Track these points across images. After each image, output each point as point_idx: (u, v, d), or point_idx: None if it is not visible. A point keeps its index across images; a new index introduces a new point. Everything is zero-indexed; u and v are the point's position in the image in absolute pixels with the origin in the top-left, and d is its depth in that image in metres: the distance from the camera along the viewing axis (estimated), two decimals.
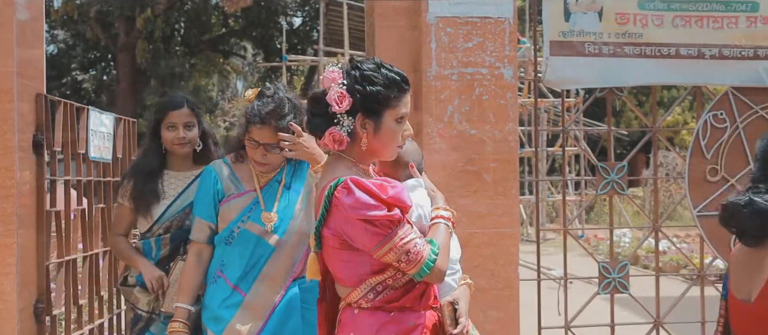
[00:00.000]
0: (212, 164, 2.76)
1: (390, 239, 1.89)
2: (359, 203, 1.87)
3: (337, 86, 1.95)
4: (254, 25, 23.70)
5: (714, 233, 3.39)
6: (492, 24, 2.97)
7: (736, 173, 3.40)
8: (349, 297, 2.01)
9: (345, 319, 2.01)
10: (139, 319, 2.95)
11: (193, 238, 2.71)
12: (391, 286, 1.96)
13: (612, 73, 3.35)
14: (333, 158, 2.06)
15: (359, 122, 1.98)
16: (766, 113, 3.41)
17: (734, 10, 3.38)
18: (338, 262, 1.99)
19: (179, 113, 2.99)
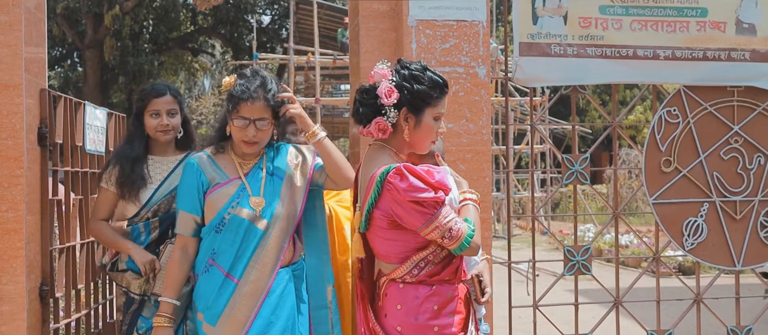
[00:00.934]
0: (193, 157, 2.76)
1: (435, 218, 2.15)
2: (411, 186, 2.12)
3: (387, 81, 2.22)
4: (223, 23, 23.65)
5: (667, 218, 3.68)
6: (467, 27, 3.22)
7: (687, 164, 3.68)
8: (395, 273, 2.28)
9: (391, 292, 2.27)
10: (131, 302, 3.05)
11: (179, 232, 2.71)
12: (431, 262, 2.24)
13: (576, 72, 3.56)
14: (376, 147, 2.31)
15: (403, 116, 2.27)
16: (714, 109, 3.72)
17: (686, 15, 3.65)
18: (385, 241, 2.25)
19: (163, 101, 3.10)
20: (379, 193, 2.23)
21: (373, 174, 2.24)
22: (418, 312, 2.25)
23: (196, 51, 25.88)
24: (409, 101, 2.27)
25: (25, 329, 2.95)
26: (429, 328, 2.24)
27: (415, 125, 2.29)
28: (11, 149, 2.94)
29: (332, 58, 17.36)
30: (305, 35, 19.78)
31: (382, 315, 2.33)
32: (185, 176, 2.73)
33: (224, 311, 2.63)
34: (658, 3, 3.62)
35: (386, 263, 2.33)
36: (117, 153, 3.18)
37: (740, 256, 3.70)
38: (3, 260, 2.93)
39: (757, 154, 3.72)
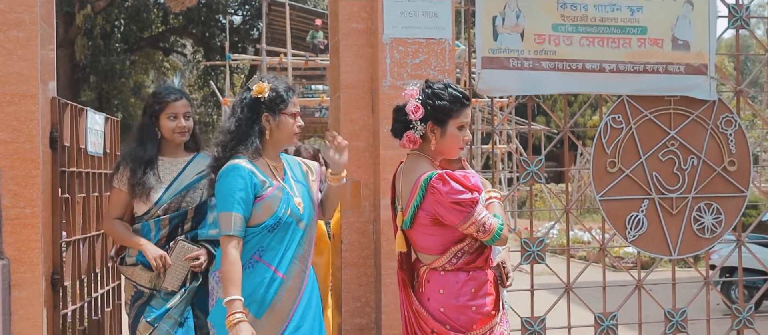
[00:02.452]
0: (240, 163, 2.78)
1: (472, 215, 2.55)
2: (452, 189, 2.53)
3: (414, 100, 2.63)
4: (195, 23, 23.75)
5: (612, 213, 4.13)
6: (435, 44, 3.62)
7: (629, 165, 4.12)
8: (436, 263, 2.69)
9: (433, 279, 2.69)
10: (140, 295, 3.19)
11: (233, 233, 2.72)
12: (467, 252, 2.66)
13: (531, 83, 3.95)
14: (413, 157, 2.72)
15: (430, 128, 2.68)
16: (653, 116, 4.17)
17: (628, 33, 4.08)
18: (428, 236, 2.66)
19: (180, 104, 3.24)
20: (423, 196, 2.62)
21: (416, 180, 2.65)
22: (458, 294, 2.66)
23: (167, 50, 25.93)
24: (433, 115, 2.67)
25: (41, 313, 3.30)
26: (468, 307, 2.66)
27: (441, 136, 2.69)
28: (28, 151, 3.28)
29: (304, 60, 17.68)
30: (277, 36, 20.03)
31: (424, 299, 2.72)
32: (236, 179, 2.75)
33: (271, 304, 2.79)
34: (604, 22, 4.06)
35: (427, 254, 2.73)
36: (130, 155, 3.24)
37: (676, 246, 4.17)
38: (21, 251, 3.27)
39: (690, 156, 4.20)
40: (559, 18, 4.01)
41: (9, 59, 3.27)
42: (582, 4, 4.05)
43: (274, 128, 2.85)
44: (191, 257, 3.16)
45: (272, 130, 2.85)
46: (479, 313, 2.66)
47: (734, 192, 4.25)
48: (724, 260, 4.72)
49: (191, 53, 29.65)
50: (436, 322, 2.66)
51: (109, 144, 4.40)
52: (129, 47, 23.30)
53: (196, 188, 3.26)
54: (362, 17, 3.65)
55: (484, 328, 2.66)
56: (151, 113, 3.27)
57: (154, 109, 3.25)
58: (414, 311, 2.75)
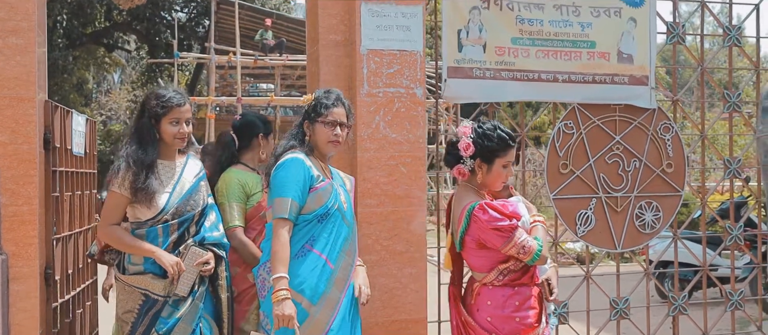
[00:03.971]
0: (298, 156, 3.03)
1: (512, 239, 2.87)
2: (491, 218, 2.85)
3: (466, 137, 2.97)
4: (139, 20, 23.54)
5: (564, 211, 4.52)
6: (408, 55, 3.93)
7: (580, 167, 4.51)
8: (485, 279, 3.03)
9: (483, 293, 3.03)
10: (153, 304, 3.10)
11: (287, 216, 2.93)
12: (512, 270, 2.99)
13: (493, 91, 4.31)
14: (464, 186, 3.06)
15: (477, 164, 3.02)
16: (601, 122, 4.58)
17: (579, 47, 4.47)
18: (476, 257, 3.01)
19: (184, 110, 3.17)
20: (468, 223, 2.96)
21: (462, 209, 2.99)
22: (504, 306, 3.00)
23: (110, 47, 25.54)
24: (481, 154, 3.01)
25: (38, 305, 3.47)
26: (512, 318, 3.00)
27: (486, 171, 3.04)
28: (26, 152, 3.45)
29: (253, 58, 17.77)
30: (225, 35, 20.02)
31: (474, 310, 3.07)
32: (295, 169, 2.99)
33: (324, 292, 3.00)
34: (557, 36, 4.44)
35: (478, 272, 3.09)
36: (131, 158, 3.11)
37: (620, 241, 4.59)
38: (19, 247, 3.43)
39: (633, 159, 4.63)
40: (518, 32, 4.37)
41: (8, 65, 3.43)
42: (538, 20, 4.42)
43: (311, 134, 3.14)
44: (201, 261, 3.13)
45: (310, 135, 3.14)
46: (523, 324, 3.01)
47: (671, 192, 4.70)
48: (660, 254, 5.17)
49: (134, 50, 29.23)
50: (484, 331, 3.02)
51: (88, 145, 4.57)
52: (71, 43, 22.91)
53: (198, 190, 3.25)
54: (341, 30, 3.94)
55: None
56: (152, 115, 3.15)
57: (157, 112, 3.14)
58: (463, 321, 3.10)
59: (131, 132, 3.24)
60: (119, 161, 3.16)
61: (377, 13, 3.89)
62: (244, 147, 3.67)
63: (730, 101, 4.84)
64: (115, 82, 37.81)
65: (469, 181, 3.13)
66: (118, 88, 34.79)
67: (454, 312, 3.18)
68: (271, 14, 19.14)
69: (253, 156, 3.69)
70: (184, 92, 3.28)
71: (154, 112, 3.16)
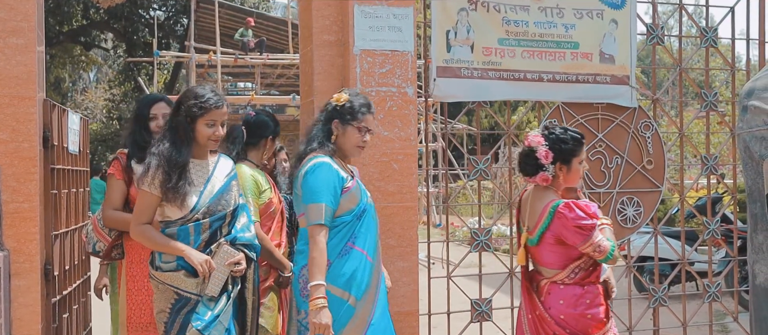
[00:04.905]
0: (325, 160, 3.07)
1: (590, 238, 3.01)
2: (577, 216, 3.00)
3: (542, 146, 3.11)
4: (117, 18, 23.41)
5: None
6: (399, 55, 4.05)
7: None
8: (556, 277, 3.17)
9: (554, 291, 3.17)
10: (185, 302, 3.04)
11: (324, 222, 2.98)
12: (583, 268, 3.14)
13: (480, 90, 4.43)
14: (541, 188, 3.19)
15: (557, 167, 3.17)
16: (584, 120, 4.74)
17: (563, 47, 4.62)
18: (551, 253, 3.14)
19: (221, 112, 3.10)
20: (551, 220, 3.09)
21: (544, 207, 3.13)
22: (576, 305, 3.13)
23: (88, 45, 25.35)
24: (560, 157, 3.17)
25: (39, 300, 3.54)
26: (584, 316, 3.13)
27: (567, 172, 3.19)
28: (27, 150, 3.51)
29: (233, 57, 17.77)
30: (204, 33, 19.99)
31: (546, 307, 3.19)
32: (326, 174, 3.04)
33: (367, 287, 3.09)
34: (542, 37, 4.58)
35: (549, 269, 3.22)
36: (163, 157, 3.03)
37: None
38: (20, 243, 3.49)
39: (615, 156, 4.79)
40: (504, 33, 4.51)
41: (8, 64, 3.49)
42: (524, 21, 4.56)
43: (340, 135, 3.19)
44: (233, 261, 3.07)
45: (338, 136, 3.19)
46: (594, 321, 3.15)
47: (651, 188, 4.87)
48: (641, 249, 5.34)
49: (112, 48, 29.03)
50: (557, 326, 3.15)
51: (82, 143, 4.63)
52: (47, 41, 22.70)
53: (229, 190, 3.19)
54: (334, 30, 4.04)
55: (599, 333, 3.16)
56: (188, 114, 3.07)
57: (194, 112, 3.06)
58: (537, 315, 3.23)
59: (164, 130, 3.16)
60: (149, 159, 3.07)
61: (369, 14, 4.00)
62: (251, 144, 3.68)
63: (707, 100, 5.02)
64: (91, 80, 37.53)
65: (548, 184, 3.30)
66: (94, 87, 34.55)
67: (529, 305, 3.30)
68: (251, 13, 19.14)
69: (258, 155, 3.70)
70: (222, 93, 3.21)
71: (191, 111, 3.06)
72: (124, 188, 3.48)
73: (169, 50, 22.28)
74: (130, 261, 3.44)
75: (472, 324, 4.51)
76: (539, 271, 3.30)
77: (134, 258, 3.43)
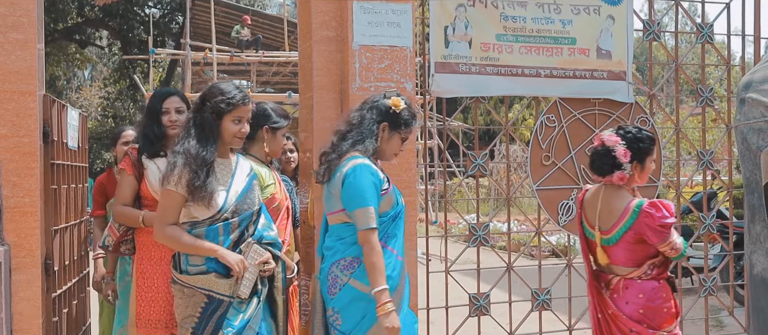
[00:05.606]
0: (366, 162, 3.07)
1: (669, 237, 3.09)
2: (662, 215, 3.06)
3: (620, 145, 3.16)
4: (112, 16, 23.37)
5: (547, 201, 4.71)
6: (398, 51, 4.06)
7: (561, 159, 4.70)
8: (632, 273, 3.24)
9: (631, 286, 3.23)
10: (218, 304, 2.95)
11: (376, 226, 2.99)
12: (657, 265, 3.21)
13: (478, 86, 4.45)
14: (614, 187, 3.24)
15: (634, 166, 3.23)
16: (581, 116, 4.77)
17: (560, 43, 4.64)
18: (629, 251, 3.19)
19: (248, 109, 3.07)
20: (634, 219, 3.15)
21: (626, 206, 3.19)
22: (655, 299, 3.22)
23: (83, 43, 25.29)
24: (637, 156, 3.24)
25: (40, 294, 3.55)
26: (661, 309, 3.23)
27: (640, 170, 3.27)
28: (27, 145, 3.51)
29: (229, 55, 17.76)
30: (200, 31, 19.98)
31: (622, 303, 3.26)
32: (370, 177, 3.05)
33: (398, 285, 3.12)
34: (540, 33, 4.61)
35: (624, 267, 3.28)
36: (190, 155, 2.95)
37: None
38: (21, 237, 3.50)
39: None
40: (502, 29, 4.53)
41: (9, 59, 3.49)
42: (521, 17, 4.58)
43: (384, 140, 3.20)
44: (263, 261, 3.05)
45: (383, 140, 3.20)
46: (669, 314, 3.25)
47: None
48: None
49: (106, 46, 28.96)
50: (635, 322, 3.21)
51: (81, 139, 4.64)
52: None
53: (252, 189, 3.17)
54: (333, 26, 4.05)
55: (671, 326, 3.26)
56: (215, 110, 3.01)
57: (220, 108, 3.00)
58: (610, 314, 3.29)
59: (189, 126, 3.06)
60: (175, 158, 2.98)
61: (368, 10, 4.02)
62: (249, 137, 3.52)
63: (703, 95, 5.05)
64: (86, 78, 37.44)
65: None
66: (88, 85, 34.47)
67: (599, 304, 3.37)
68: (247, 10, 19.13)
69: (260, 148, 3.62)
70: (246, 90, 3.14)
71: (217, 108, 3.01)
72: (135, 183, 3.42)
73: (164, 48, 22.24)
74: (140, 258, 3.39)
75: (470, 318, 4.54)
76: (611, 270, 3.36)
77: (144, 255, 3.38)
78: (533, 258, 9.93)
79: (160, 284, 3.28)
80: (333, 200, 3.17)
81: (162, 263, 3.32)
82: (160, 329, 3.28)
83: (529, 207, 14.82)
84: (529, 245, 5.16)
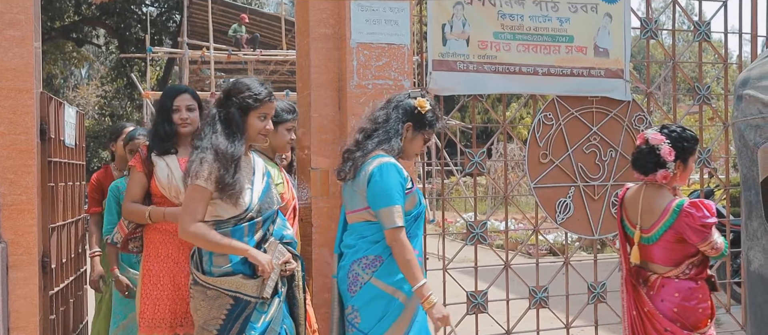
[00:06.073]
0: (392, 161, 3.08)
1: (709, 236, 3.10)
2: (703, 215, 3.07)
3: (665, 144, 3.17)
4: (109, 14, 23.33)
5: (544, 199, 4.70)
6: (396, 49, 4.06)
7: (559, 157, 4.70)
8: (670, 273, 3.25)
9: (668, 285, 3.25)
10: (245, 306, 2.90)
11: (404, 225, 3.00)
12: (695, 265, 3.22)
13: (475, 84, 4.45)
14: (655, 186, 3.27)
15: (677, 165, 3.24)
16: (578, 114, 4.77)
17: (557, 41, 4.65)
18: (668, 250, 3.21)
19: (272, 106, 3.05)
20: (675, 218, 3.17)
21: (667, 206, 3.21)
22: (691, 299, 3.23)
23: (80, 41, 25.25)
24: (680, 155, 3.26)
25: (37, 292, 3.54)
26: (696, 309, 3.24)
27: (683, 170, 3.30)
28: (24, 143, 3.51)
29: (227, 54, 17.74)
30: (197, 29, 19.94)
31: (658, 301, 3.28)
32: (397, 176, 3.06)
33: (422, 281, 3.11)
34: (537, 31, 4.61)
35: (662, 266, 3.30)
36: (219, 151, 2.87)
37: (597, 227, 4.79)
38: (18, 235, 3.49)
39: (609, 149, 4.82)
40: (499, 27, 4.53)
41: (5, 56, 3.49)
42: (519, 15, 4.58)
43: (408, 139, 3.23)
44: (285, 261, 3.03)
45: (406, 140, 3.22)
46: (704, 315, 3.26)
47: None
48: None
49: (104, 44, 28.93)
50: (669, 321, 3.23)
51: (78, 137, 4.64)
52: None
53: (270, 188, 3.14)
54: (330, 23, 4.05)
55: (707, 327, 3.27)
56: (241, 106, 2.95)
57: (247, 103, 2.95)
58: (646, 312, 3.31)
59: (213, 121, 2.96)
60: (202, 153, 2.89)
61: (366, 8, 4.01)
62: None
63: (700, 93, 5.06)
64: (83, 77, 37.39)
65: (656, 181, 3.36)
66: (85, 83, 34.43)
67: (635, 302, 3.38)
68: (244, 9, 19.11)
69: (267, 146, 3.52)
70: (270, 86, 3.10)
71: (244, 103, 2.95)
72: (145, 181, 3.36)
73: (161, 46, 22.18)
74: (147, 256, 3.32)
75: (468, 316, 4.54)
76: (649, 268, 3.37)
77: (151, 252, 3.32)
78: (531, 256, 9.94)
79: (166, 282, 3.24)
80: (356, 199, 3.17)
81: (168, 261, 3.28)
82: (163, 328, 3.22)
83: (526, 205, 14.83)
84: (527, 243, 5.16)
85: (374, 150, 3.15)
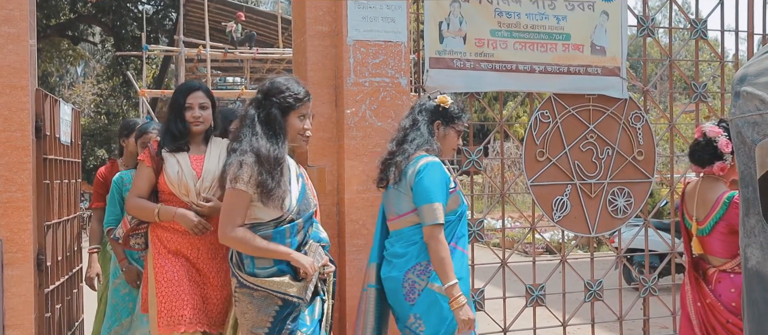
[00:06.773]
0: (436, 159, 3.12)
1: None
2: None
3: (723, 136, 3.20)
4: (105, 12, 23.26)
5: (541, 197, 4.70)
6: (392, 46, 4.06)
7: (556, 155, 4.70)
8: (725, 266, 3.25)
9: (724, 279, 3.25)
10: (292, 308, 2.86)
11: (441, 222, 3.01)
12: None
13: (472, 81, 4.44)
14: (711, 179, 3.30)
15: (734, 158, 3.14)
16: (575, 112, 4.77)
17: (554, 39, 4.64)
18: (723, 243, 3.21)
19: (310, 105, 3.02)
20: (726, 210, 3.18)
21: (718, 197, 3.24)
22: None
23: (75, 39, 25.17)
24: None
25: (32, 290, 3.53)
26: None
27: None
28: (19, 140, 3.50)
29: (223, 52, 17.73)
30: (193, 28, 19.95)
31: (717, 294, 3.28)
32: (440, 174, 3.10)
33: (467, 282, 3.21)
34: (534, 29, 4.60)
35: (719, 258, 3.31)
36: (262, 154, 2.81)
37: (594, 225, 4.79)
38: (13, 232, 3.49)
39: (606, 147, 4.82)
40: (496, 24, 4.53)
41: (1, 53, 3.48)
42: (516, 13, 4.58)
43: (440, 136, 3.29)
44: (323, 264, 3.01)
45: (439, 137, 3.29)
46: None
47: (642, 178, 4.91)
48: (630, 240, 5.38)
49: (99, 42, 28.86)
50: (730, 314, 3.23)
51: (73, 134, 4.62)
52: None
53: (306, 189, 3.11)
54: (327, 21, 4.05)
55: None
56: (282, 106, 2.91)
57: (288, 103, 2.91)
58: (708, 304, 3.31)
59: (252, 123, 2.89)
60: (242, 156, 2.83)
61: (363, 5, 4.01)
62: None
63: (697, 92, 5.06)
64: (79, 75, 37.30)
65: (715, 174, 3.37)
66: (81, 81, 34.35)
67: (698, 293, 3.39)
68: (240, 7, 19.09)
69: None
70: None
71: (285, 103, 2.91)
72: (153, 176, 3.30)
73: (157, 44, 22.15)
74: (157, 253, 3.24)
75: None
76: (706, 260, 3.39)
77: (161, 249, 3.24)
78: (527, 255, 9.98)
79: (182, 277, 3.16)
80: (403, 202, 3.18)
81: (180, 256, 3.22)
82: (183, 325, 3.12)
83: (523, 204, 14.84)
84: (523, 241, 5.16)
85: (416, 152, 3.19)
